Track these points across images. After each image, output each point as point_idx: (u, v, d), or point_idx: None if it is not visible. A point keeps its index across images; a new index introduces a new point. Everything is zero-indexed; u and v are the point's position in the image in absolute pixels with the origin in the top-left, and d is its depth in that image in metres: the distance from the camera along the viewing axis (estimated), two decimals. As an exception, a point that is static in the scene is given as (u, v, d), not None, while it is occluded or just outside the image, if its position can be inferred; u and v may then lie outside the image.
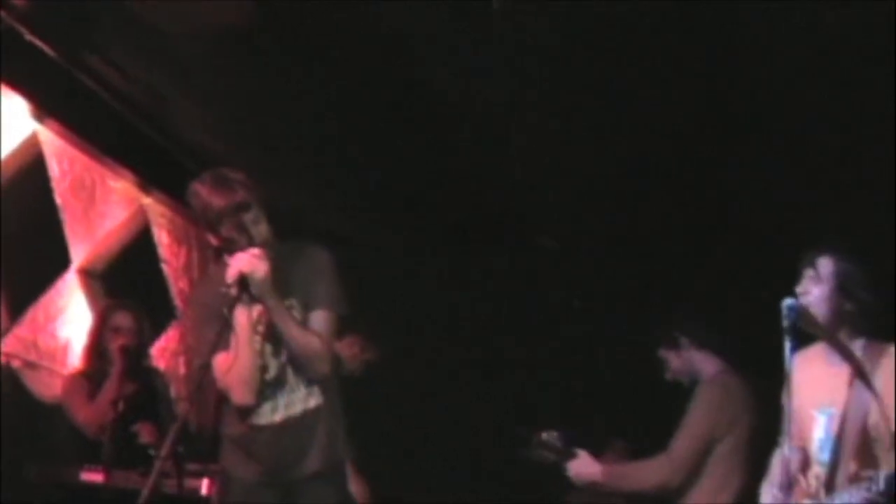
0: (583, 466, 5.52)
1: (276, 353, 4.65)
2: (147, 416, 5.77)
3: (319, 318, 4.67)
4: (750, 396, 5.56)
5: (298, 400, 4.66)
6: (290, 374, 4.65)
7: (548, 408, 8.17)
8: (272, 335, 4.63)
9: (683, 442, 5.49)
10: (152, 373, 6.34)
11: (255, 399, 4.61)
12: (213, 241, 4.63)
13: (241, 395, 4.58)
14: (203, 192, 4.57)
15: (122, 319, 6.06)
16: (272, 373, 4.65)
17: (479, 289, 8.36)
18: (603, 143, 6.42)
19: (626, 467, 5.69)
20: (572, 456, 5.52)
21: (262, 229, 4.58)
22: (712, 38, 5.29)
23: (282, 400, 4.65)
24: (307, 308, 4.67)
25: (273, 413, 4.65)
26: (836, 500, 4.25)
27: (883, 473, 4.04)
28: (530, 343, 8.30)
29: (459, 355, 8.43)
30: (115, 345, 5.90)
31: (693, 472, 5.49)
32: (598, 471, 5.50)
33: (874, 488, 4.02)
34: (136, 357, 6.03)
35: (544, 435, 5.58)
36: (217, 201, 4.52)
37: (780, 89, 5.57)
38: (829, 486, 4.37)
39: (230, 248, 4.54)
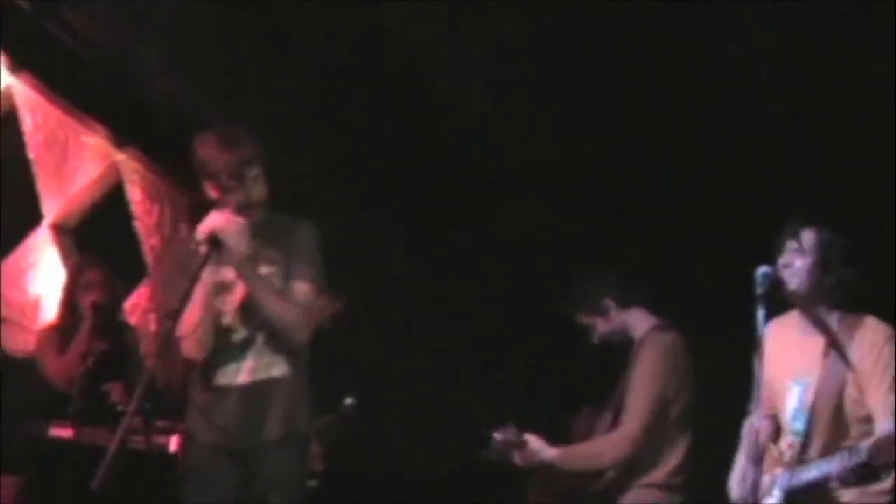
0: (534, 452, 5.39)
1: (248, 318, 4.68)
2: (117, 373, 5.77)
3: (300, 290, 4.70)
4: (690, 353, 5.44)
5: (264, 366, 4.68)
6: (260, 340, 4.67)
7: (514, 381, 8.21)
8: (248, 301, 4.65)
9: (637, 410, 5.29)
10: (124, 329, 6.34)
11: (204, 354, 4.65)
12: (211, 192, 4.63)
13: (188, 346, 4.62)
14: (211, 142, 4.61)
15: (93, 276, 6.05)
16: (240, 335, 4.68)
17: (445, 263, 8.36)
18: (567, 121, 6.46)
19: (582, 446, 5.46)
20: (523, 444, 5.42)
21: (259, 188, 4.63)
22: (681, 28, 5.34)
23: (246, 364, 4.68)
24: (288, 279, 4.70)
25: (236, 375, 4.67)
26: (814, 468, 4.29)
27: (864, 444, 4.08)
28: (498, 318, 8.30)
29: (427, 330, 8.44)
30: (86, 301, 5.89)
31: (654, 441, 5.34)
32: (552, 454, 5.36)
33: (855, 458, 4.06)
34: (107, 313, 6.02)
35: (497, 435, 5.49)
36: (224, 152, 4.56)
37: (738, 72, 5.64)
38: (803, 455, 4.41)
39: (225, 199, 4.57)
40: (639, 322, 5.54)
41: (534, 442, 5.40)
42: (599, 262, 5.89)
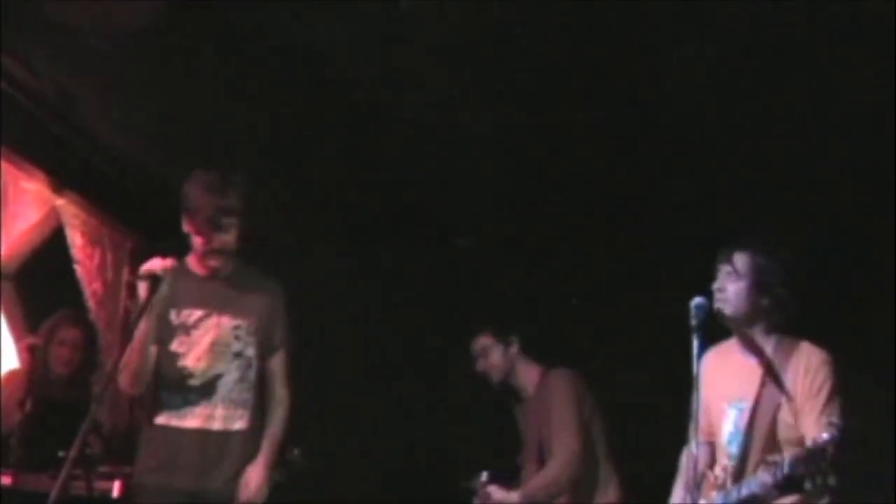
0: (499, 501, 5.64)
1: (209, 367, 4.74)
2: (67, 425, 5.72)
3: (279, 360, 4.97)
4: (585, 384, 5.74)
5: (224, 418, 4.72)
6: (223, 391, 4.72)
7: (465, 407, 8.22)
8: (212, 349, 4.76)
9: (567, 427, 5.57)
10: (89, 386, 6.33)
11: (138, 390, 4.73)
12: (184, 224, 4.69)
13: (123, 380, 4.67)
14: (201, 181, 4.76)
15: (68, 333, 6.05)
16: (198, 381, 4.70)
17: (393, 288, 8.38)
18: (515, 144, 6.50)
19: (537, 480, 5.68)
20: (487, 497, 5.66)
21: (230, 238, 4.75)
22: (624, 38, 5.38)
23: (204, 411, 4.75)
24: (257, 335, 4.84)
25: (192, 419, 4.72)
26: (744, 488, 4.33)
27: (787, 458, 4.13)
28: (445, 343, 8.32)
29: (372, 356, 8.44)
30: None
31: (589, 464, 5.60)
32: (515, 498, 5.63)
33: (779, 473, 4.11)
34: (77, 370, 5.99)
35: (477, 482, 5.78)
36: (208, 196, 4.70)
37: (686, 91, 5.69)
38: (737, 477, 4.46)
39: (196, 239, 4.74)
40: (526, 368, 5.74)
41: (496, 492, 5.56)
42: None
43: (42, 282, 6.99)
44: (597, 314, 6.65)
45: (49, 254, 7.21)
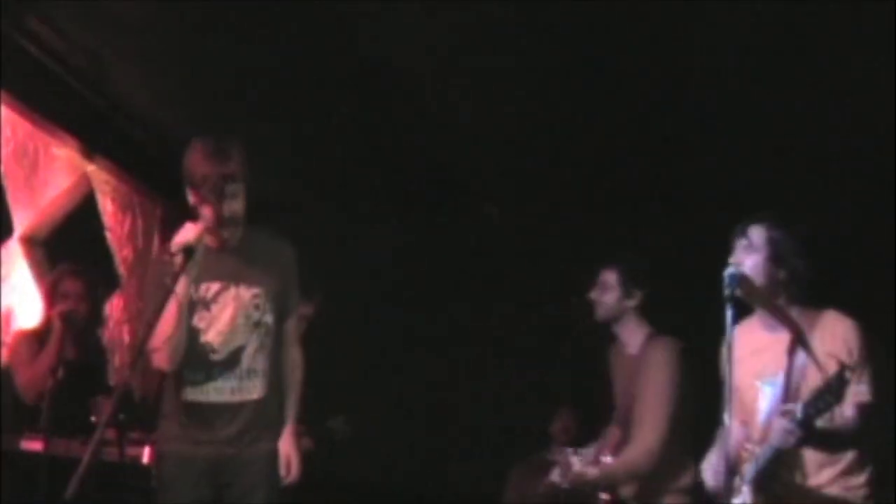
0: (580, 474, 5.58)
1: (230, 340, 4.71)
2: (89, 384, 5.73)
3: (293, 321, 4.93)
4: (687, 361, 5.55)
5: (244, 388, 4.73)
6: (244, 364, 4.72)
7: (499, 371, 8.24)
8: (233, 322, 4.72)
9: (654, 419, 5.42)
10: (98, 341, 6.32)
11: (174, 366, 4.67)
12: (190, 198, 4.65)
13: (159, 358, 4.62)
14: (199, 151, 4.65)
15: (70, 286, 6.01)
16: (219, 355, 4.71)
17: (425, 256, 8.38)
18: (545, 115, 6.48)
19: (615, 464, 5.56)
20: (568, 467, 5.63)
21: (236, 205, 4.65)
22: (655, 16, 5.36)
23: (227, 384, 4.72)
24: (275, 300, 4.78)
25: (215, 394, 4.71)
26: (766, 447, 4.30)
27: (799, 405, 4.11)
28: (478, 310, 8.33)
29: (408, 323, 8.45)
30: (56, 310, 5.85)
31: (673, 448, 5.45)
32: (595, 473, 5.54)
33: (793, 420, 4.09)
34: (82, 324, 5.98)
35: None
36: (208, 164, 4.59)
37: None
38: None
39: (201, 209, 4.60)
40: (636, 326, 5.62)
41: (576, 464, 5.52)
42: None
43: (73, 248, 7.00)
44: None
45: (80, 220, 7.23)
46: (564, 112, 6.39)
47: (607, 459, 5.59)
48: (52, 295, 6.03)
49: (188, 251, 4.39)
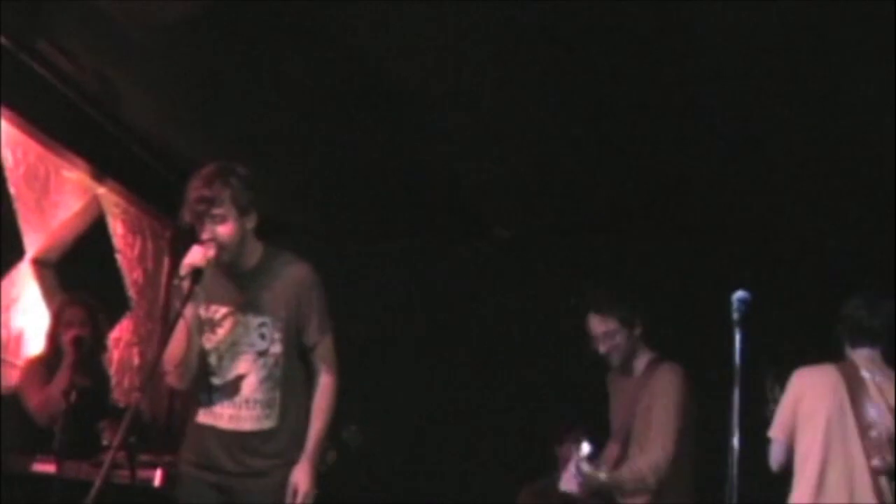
0: (592, 476, 5.56)
1: (230, 367, 4.69)
2: (99, 408, 5.77)
3: (323, 348, 4.80)
4: (692, 386, 5.63)
5: (250, 418, 4.69)
6: (245, 390, 4.69)
7: (505, 395, 8.22)
8: (235, 349, 4.69)
9: (663, 437, 5.47)
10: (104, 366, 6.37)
11: (186, 386, 4.70)
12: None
13: (171, 380, 4.66)
14: (194, 176, 4.64)
15: (74, 314, 6.07)
16: (219, 380, 4.69)
17: (436, 279, 8.39)
18: (554, 133, 6.49)
19: (622, 471, 5.59)
20: (578, 468, 5.60)
21: (220, 229, 4.57)
22: (660, 26, 5.36)
23: (228, 410, 4.69)
24: (288, 331, 4.72)
25: (217, 419, 4.69)
26: None
27: None
28: (491, 332, 8.33)
29: (418, 346, 8.44)
30: (66, 336, 5.92)
31: (678, 468, 5.51)
32: (601, 476, 5.56)
33: None
34: (88, 350, 6.03)
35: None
36: (195, 188, 4.58)
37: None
38: None
39: (193, 224, 4.59)
40: (641, 351, 5.66)
41: (585, 466, 5.54)
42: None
43: (83, 271, 7.02)
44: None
45: (90, 243, 7.25)
46: (577, 126, 6.40)
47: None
48: (56, 324, 6.10)
49: (196, 273, 4.41)
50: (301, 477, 4.66)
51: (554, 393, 7.93)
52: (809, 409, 5.33)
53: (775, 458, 5.36)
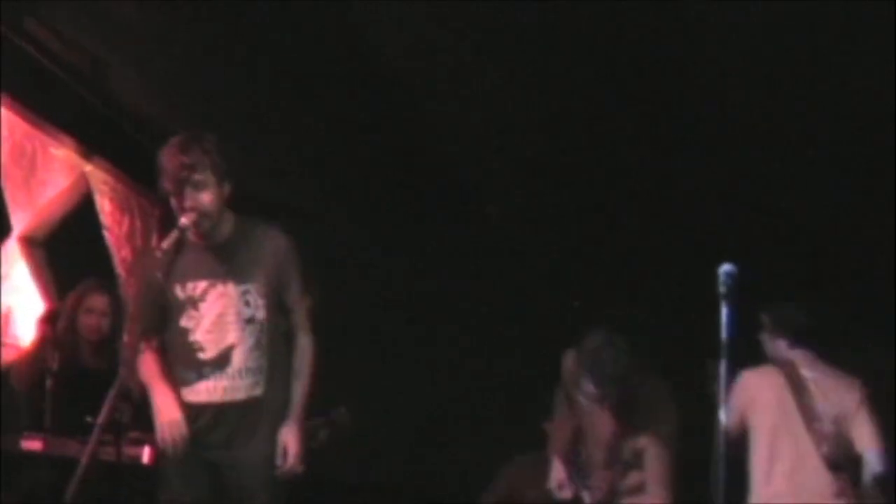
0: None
1: (219, 338, 4.68)
2: (93, 389, 5.76)
3: (301, 311, 4.80)
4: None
5: (243, 387, 4.68)
6: (236, 361, 4.68)
7: (499, 375, 8.24)
8: (222, 320, 4.68)
9: (666, 461, 5.51)
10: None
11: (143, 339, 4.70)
12: (164, 191, 4.65)
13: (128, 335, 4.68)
14: (168, 146, 4.61)
15: (97, 301, 6.04)
16: (210, 353, 4.68)
17: (427, 258, 8.39)
18: (547, 113, 6.49)
19: None
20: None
21: (202, 197, 4.56)
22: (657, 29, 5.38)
23: (221, 383, 4.68)
24: (267, 296, 4.71)
25: (210, 394, 4.68)
26: None
27: None
28: (482, 312, 8.34)
29: (408, 326, 8.46)
30: (85, 321, 5.92)
31: None
32: None
33: None
34: (106, 336, 6.00)
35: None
36: (172, 157, 4.55)
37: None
38: None
39: (175, 205, 4.58)
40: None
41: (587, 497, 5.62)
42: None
43: (71, 249, 7.01)
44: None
45: (78, 220, 7.22)
46: (570, 108, 6.40)
47: None
48: (76, 308, 6.05)
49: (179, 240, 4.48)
50: (289, 438, 4.66)
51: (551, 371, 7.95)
52: (759, 409, 5.57)
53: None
